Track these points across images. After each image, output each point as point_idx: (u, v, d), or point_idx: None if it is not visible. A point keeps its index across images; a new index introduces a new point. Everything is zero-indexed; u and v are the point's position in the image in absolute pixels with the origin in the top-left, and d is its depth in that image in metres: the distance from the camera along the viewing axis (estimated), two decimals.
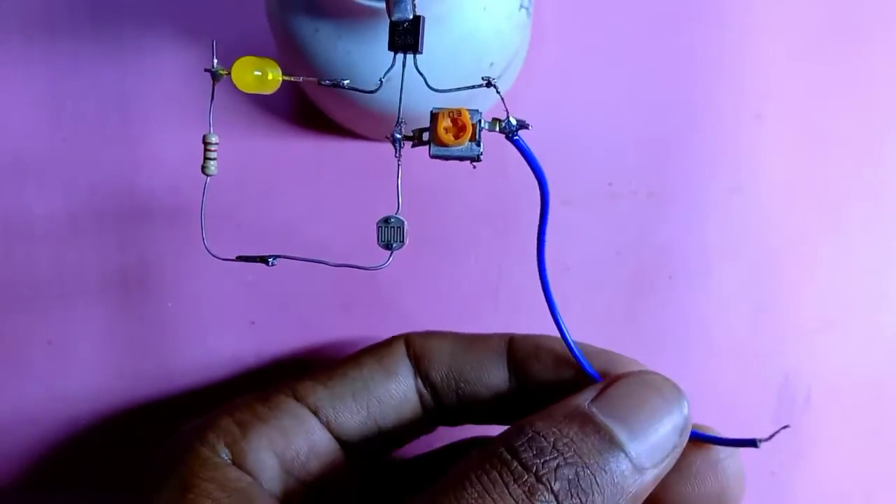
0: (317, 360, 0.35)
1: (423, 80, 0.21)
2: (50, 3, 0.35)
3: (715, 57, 0.36)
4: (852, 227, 0.35)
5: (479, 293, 0.35)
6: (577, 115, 0.36)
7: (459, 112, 0.21)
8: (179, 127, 0.35)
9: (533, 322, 0.35)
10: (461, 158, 0.21)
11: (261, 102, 0.35)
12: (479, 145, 0.21)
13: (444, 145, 0.21)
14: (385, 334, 0.35)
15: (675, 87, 0.36)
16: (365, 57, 0.28)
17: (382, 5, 0.25)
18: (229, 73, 0.22)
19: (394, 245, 0.22)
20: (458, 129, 0.21)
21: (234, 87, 0.22)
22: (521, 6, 0.30)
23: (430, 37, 0.27)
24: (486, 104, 0.35)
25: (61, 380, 0.35)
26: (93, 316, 0.35)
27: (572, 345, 0.25)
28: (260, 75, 0.22)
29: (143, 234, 0.35)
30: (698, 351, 0.34)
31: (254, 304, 0.35)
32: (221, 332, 0.35)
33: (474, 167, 0.22)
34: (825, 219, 0.35)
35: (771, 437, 0.24)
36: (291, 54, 0.30)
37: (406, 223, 0.22)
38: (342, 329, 0.35)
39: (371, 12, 0.26)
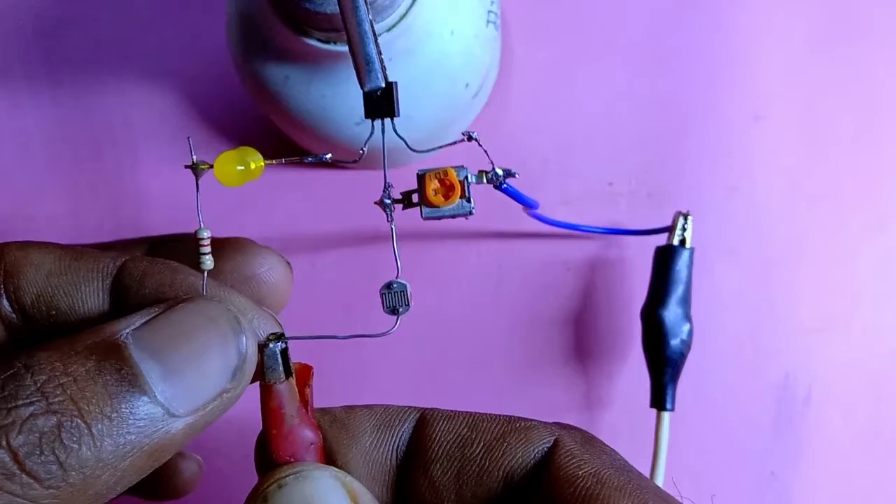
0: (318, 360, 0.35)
1: (403, 142, 0.21)
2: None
3: (714, 57, 0.36)
4: (852, 226, 0.35)
5: (480, 293, 0.35)
6: (578, 116, 0.36)
7: (446, 172, 0.20)
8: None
9: (534, 321, 0.35)
10: (454, 216, 0.21)
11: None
12: (469, 201, 0.20)
13: (436, 206, 0.20)
14: (385, 335, 0.35)
15: (675, 87, 0.36)
16: (341, 99, 0.27)
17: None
18: (211, 167, 0.21)
19: (399, 309, 0.21)
20: (447, 189, 0.20)
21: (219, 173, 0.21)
22: (488, 21, 0.29)
23: (402, 69, 0.27)
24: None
25: None
26: None
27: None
28: (243, 169, 0.21)
29: (143, 233, 0.35)
30: (698, 351, 0.34)
31: None
32: None
33: (466, 219, 0.21)
34: (824, 219, 0.35)
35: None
36: (263, 102, 0.29)
37: (409, 286, 0.21)
38: (343, 329, 0.35)
39: (342, 56, 0.25)
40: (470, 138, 0.21)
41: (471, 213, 0.21)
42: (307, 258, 0.35)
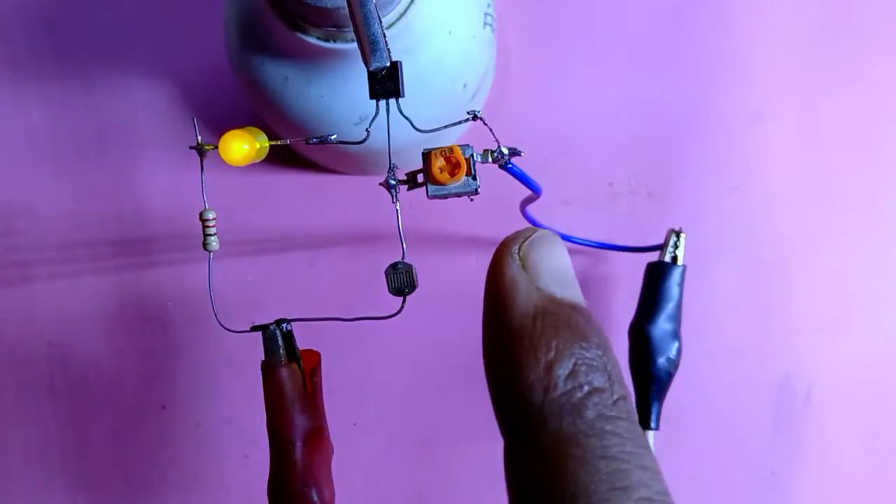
0: None
1: (408, 122, 0.21)
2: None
3: (714, 57, 0.36)
4: (852, 226, 0.35)
5: (479, 293, 0.35)
6: (578, 116, 0.36)
7: (451, 149, 0.20)
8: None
9: None
10: (459, 195, 0.21)
11: None
12: (475, 179, 0.21)
13: (441, 184, 0.21)
14: (384, 334, 0.35)
15: (675, 87, 0.36)
16: (340, 99, 0.27)
17: (353, 46, 0.25)
18: (215, 148, 0.21)
19: (406, 290, 0.21)
20: (453, 166, 0.20)
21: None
22: (485, 24, 0.29)
23: (403, 68, 0.27)
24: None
25: (60, 378, 0.35)
26: (92, 315, 0.35)
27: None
28: (248, 148, 0.21)
29: (141, 234, 0.35)
30: (698, 351, 0.34)
31: (254, 304, 0.35)
32: (221, 332, 0.35)
33: (472, 200, 0.21)
34: (825, 218, 0.35)
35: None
36: (262, 104, 0.29)
37: (414, 267, 0.21)
38: (343, 329, 0.35)
39: (341, 54, 0.26)
40: (475, 117, 0.21)
41: (476, 191, 0.21)
42: (307, 257, 0.35)
